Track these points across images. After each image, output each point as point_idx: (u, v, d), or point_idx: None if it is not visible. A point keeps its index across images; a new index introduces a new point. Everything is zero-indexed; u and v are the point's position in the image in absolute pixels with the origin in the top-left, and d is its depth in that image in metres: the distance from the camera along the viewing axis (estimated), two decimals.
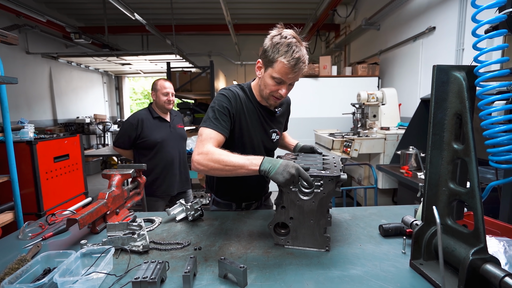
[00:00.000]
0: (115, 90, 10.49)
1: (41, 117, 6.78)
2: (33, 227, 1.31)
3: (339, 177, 0.98)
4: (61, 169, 1.99)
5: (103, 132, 7.91)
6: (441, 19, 3.63)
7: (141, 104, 22.71)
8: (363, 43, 6.27)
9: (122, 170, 1.46)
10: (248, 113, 1.29)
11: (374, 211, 1.44)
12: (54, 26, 6.28)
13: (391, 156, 3.17)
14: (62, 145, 1.97)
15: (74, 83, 8.08)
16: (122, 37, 8.67)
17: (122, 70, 9.33)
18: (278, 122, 1.44)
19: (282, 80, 1.17)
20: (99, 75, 9.44)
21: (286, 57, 1.11)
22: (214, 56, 8.94)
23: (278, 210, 1.06)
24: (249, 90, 1.33)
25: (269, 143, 1.40)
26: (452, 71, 0.84)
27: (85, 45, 7.50)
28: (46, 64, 6.93)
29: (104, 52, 6.54)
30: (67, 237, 1.22)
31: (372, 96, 3.55)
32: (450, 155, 0.86)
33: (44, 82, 6.93)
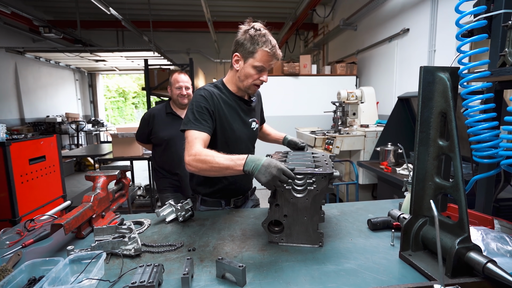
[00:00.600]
0: (88, 87, 10.03)
1: (6, 116, 6.33)
2: (10, 234, 1.23)
3: (332, 174, 1.01)
4: (37, 171, 1.87)
5: (76, 132, 7.54)
6: (414, 21, 3.81)
7: (115, 103, 21.90)
8: (341, 42, 6.43)
9: (106, 171, 1.40)
10: (226, 107, 1.36)
11: (361, 206, 1.49)
12: (20, 19, 5.88)
13: (370, 153, 3.29)
14: (38, 146, 1.85)
15: (43, 80, 7.62)
16: (95, 32, 8.29)
17: (95, 66, 8.93)
18: (255, 112, 1.52)
19: (264, 68, 1.28)
20: (70, 72, 8.98)
21: (267, 47, 1.23)
22: (192, 54, 8.80)
23: (272, 208, 1.07)
24: (223, 86, 1.41)
25: (249, 132, 1.46)
26: (438, 72, 0.88)
27: (55, 40, 7.10)
28: (11, 59, 6.48)
29: (77, 47, 6.22)
30: (49, 244, 1.15)
31: (351, 94, 3.65)
32: (435, 151, 0.91)
33: (8, 79, 6.48)
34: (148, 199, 4.09)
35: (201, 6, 5.34)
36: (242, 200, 1.55)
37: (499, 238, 0.98)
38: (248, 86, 1.32)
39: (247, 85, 1.32)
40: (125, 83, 21.50)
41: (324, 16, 6.46)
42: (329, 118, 4.86)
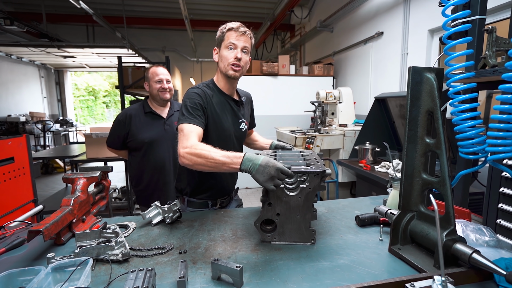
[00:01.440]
0: (55, 85, 9.44)
1: None
2: None
3: (324, 172, 1.02)
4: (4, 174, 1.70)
5: (43, 132, 7.06)
6: (388, 25, 3.98)
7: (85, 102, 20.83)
8: (317, 44, 6.57)
9: (86, 173, 1.32)
10: (217, 106, 1.38)
11: (346, 203, 1.53)
12: None
13: (349, 151, 3.39)
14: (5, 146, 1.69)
15: (3, 77, 7.07)
16: (63, 27, 7.83)
17: (63, 63, 8.44)
18: (244, 113, 1.53)
19: (234, 44, 1.33)
20: (35, 68, 8.40)
21: (231, 25, 1.34)
22: (168, 52, 8.58)
23: (264, 207, 1.07)
24: (214, 85, 1.43)
25: (238, 132, 1.47)
26: (425, 73, 0.92)
27: (17, 33, 6.59)
28: None
29: (43, 42, 5.83)
30: (23, 252, 1.07)
31: (330, 94, 3.74)
32: (423, 148, 0.95)
33: None
34: (125, 201, 3.92)
35: (177, 3, 5.22)
36: (227, 201, 1.55)
37: (477, 230, 1.05)
38: (227, 68, 1.35)
39: (226, 68, 1.35)
40: (95, 81, 20.53)
41: (301, 17, 6.58)
42: (307, 117, 4.95)
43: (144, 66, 6.10)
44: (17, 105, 7.53)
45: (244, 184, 5.15)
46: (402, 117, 3.04)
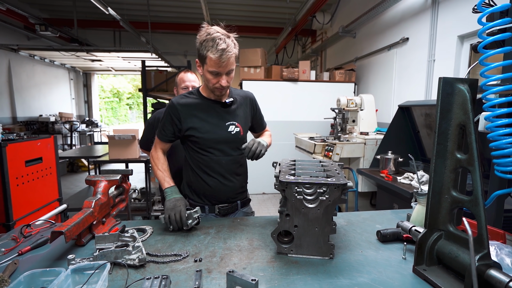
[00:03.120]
0: (83, 87, 9.89)
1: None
2: (5, 241, 1.17)
3: (346, 184, 0.98)
4: (33, 173, 1.80)
5: (70, 132, 7.40)
6: (414, 30, 3.85)
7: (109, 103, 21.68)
8: (339, 49, 6.47)
9: (108, 176, 1.36)
10: (197, 113, 1.41)
11: (367, 216, 1.47)
12: (15, 16, 5.77)
13: (370, 160, 3.29)
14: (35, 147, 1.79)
15: (36, 79, 7.49)
16: (92, 32, 8.20)
17: (91, 66, 8.82)
18: (236, 115, 1.47)
19: (218, 72, 1.29)
20: (65, 71, 8.85)
21: (212, 52, 1.24)
22: (190, 56, 8.76)
23: (282, 218, 1.04)
24: (197, 92, 1.46)
25: (227, 136, 1.43)
26: (457, 84, 0.87)
27: (50, 38, 6.99)
28: (5, 56, 6.35)
29: (73, 46, 6.13)
30: (47, 251, 1.10)
31: (351, 101, 3.66)
32: (453, 164, 0.89)
33: (1, 76, 6.34)
34: (143, 202, 4.01)
35: (200, 9, 5.33)
36: (229, 209, 1.51)
37: None
38: (212, 89, 1.36)
39: (211, 89, 1.36)
40: (120, 84, 21.35)
41: (323, 22, 6.51)
42: (327, 124, 4.87)
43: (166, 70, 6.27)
44: (48, 105, 7.94)
45: (261, 190, 5.13)
46: (428, 126, 2.91)
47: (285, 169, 1.16)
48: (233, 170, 1.47)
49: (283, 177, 1.02)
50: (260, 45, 6.78)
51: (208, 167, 1.44)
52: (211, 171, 1.44)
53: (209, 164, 1.44)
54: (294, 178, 1.01)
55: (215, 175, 1.44)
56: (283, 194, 1.03)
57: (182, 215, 1.23)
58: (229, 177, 1.47)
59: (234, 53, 1.28)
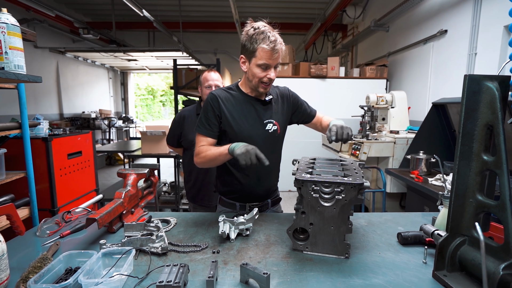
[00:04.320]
0: (120, 85, 10.51)
1: (47, 111, 6.80)
2: (50, 224, 1.31)
3: (362, 184, 0.97)
4: (74, 165, 1.99)
5: (108, 128, 7.92)
6: (454, 22, 3.59)
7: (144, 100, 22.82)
8: (371, 44, 6.23)
9: (137, 169, 1.45)
10: (235, 109, 1.38)
11: (390, 217, 1.43)
12: (62, 21, 6.29)
13: (400, 160, 3.15)
14: (76, 142, 1.97)
15: (80, 78, 8.10)
16: (128, 33, 8.67)
17: (128, 66, 9.34)
18: (275, 113, 1.44)
19: (268, 65, 1.28)
20: (105, 70, 9.46)
21: (265, 43, 1.23)
22: (220, 54, 8.93)
23: (298, 215, 1.06)
24: (236, 88, 1.44)
25: (263, 133, 1.41)
26: (484, 81, 0.82)
27: (92, 40, 7.52)
28: (54, 58, 6.94)
29: (111, 47, 6.55)
30: (83, 236, 1.22)
31: (381, 98, 3.52)
32: (479, 166, 0.85)
33: (51, 77, 6.95)
34: (173, 195, 4.20)
35: (229, 7, 5.41)
36: (260, 208, 1.49)
37: None
38: (256, 85, 1.34)
39: (256, 85, 1.34)
40: (154, 82, 22.36)
41: (354, 17, 6.29)
42: (356, 122, 4.72)
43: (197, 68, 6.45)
44: (90, 102, 8.56)
45: (287, 187, 5.13)
46: None
47: (303, 167, 1.17)
48: (267, 170, 1.41)
49: (299, 175, 1.03)
50: (289, 41, 6.71)
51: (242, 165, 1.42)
52: (244, 170, 1.42)
53: None
54: (310, 177, 1.02)
55: (250, 173, 1.42)
56: (299, 191, 1.04)
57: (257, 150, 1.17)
58: (263, 176, 1.44)
59: (283, 46, 1.28)
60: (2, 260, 0.83)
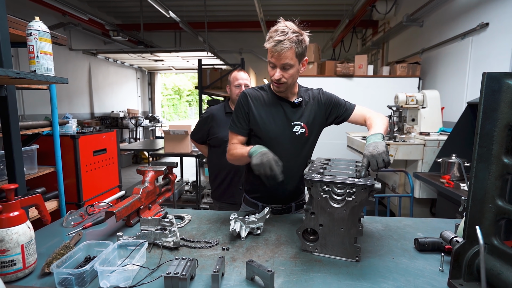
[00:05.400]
0: (147, 85, 11.00)
1: (79, 110, 7.30)
2: (74, 216, 1.43)
3: (372, 186, 0.97)
4: (99, 162, 2.16)
5: (135, 127, 8.33)
6: (496, 14, 3.37)
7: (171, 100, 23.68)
8: (403, 40, 5.99)
9: (155, 167, 1.54)
10: (264, 109, 1.43)
11: (409, 222, 1.39)
12: (95, 24, 6.73)
13: (430, 164, 3.02)
14: (101, 139, 2.14)
15: (110, 78, 8.60)
16: (156, 34, 9.06)
17: (155, 66, 9.76)
18: (303, 116, 1.43)
19: (274, 64, 1.31)
20: (133, 71, 9.96)
21: (268, 41, 1.28)
22: (245, 54, 9.04)
23: (307, 215, 1.07)
24: (268, 87, 1.49)
25: (291, 135, 1.41)
26: (506, 79, 0.79)
27: (122, 42, 7.95)
28: (86, 60, 7.44)
29: (139, 49, 6.88)
30: (104, 228, 1.32)
31: (411, 98, 3.39)
32: (499, 170, 0.81)
33: (83, 77, 7.46)
34: (194, 194, 4.34)
35: (254, 6, 5.48)
36: (283, 211, 1.52)
37: None
38: (272, 83, 1.40)
39: (271, 83, 1.41)
40: (181, 82, 23.10)
41: (385, 12, 6.09)
42: None
43: (221, 68, 6.60)
44: (119, 102, 9.07)
45: None
46: None
47: (315, 167, 1.18)
48: (293, 172, 1.43)
49: (309, 175, 1.04)
50: (315, 39, 6.65)
51: None
52: None
53: None
54: (320, 177, 1.03)
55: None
56: (309, 192, 1.05)
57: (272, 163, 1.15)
58: (288, 178, 1.42)
59: (293, 47, 1.25)
60: (30, 245, 0.94)
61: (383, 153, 1.06)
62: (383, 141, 1.14)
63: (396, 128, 3.42)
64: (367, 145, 1.14)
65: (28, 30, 1.05)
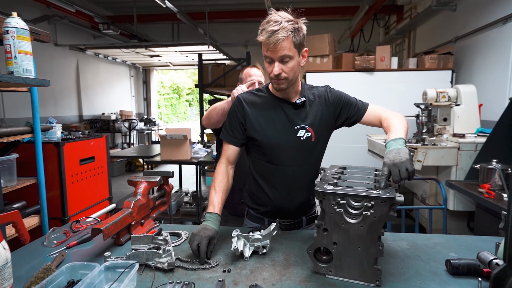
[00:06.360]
0: (142, 84, 11.16)
1: (66, 112, 7.45)
2: (58, 234, 1.46)
3: (393, 199, 0.95)
4: (86, 172, 2.20)
5: (128, 130, 8.45)
6: None
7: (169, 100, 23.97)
8: (433, 28, 5.94)
9: (148, 177, 1.56)
10: (262, 113, 1.44)
11: (441, 240, 1.37)
12: (83, 16, 6.88)
13: (466, 171, 2.96)
14: (88, 146, 2.18)
15: (100, 77, 8.76)
16: (151, 26, 9.20)
17: (150, 62, 9.91)
18: (308, 118, 1.43)
19: (271, 59, 1.31)
20: (126, 68, 10.14)
21: (262, 34, 1.28)
22: (251, 47, 9.08)
23: (319, 232, 1.07)
24: (266, 89, 1.50)
25: (295, 141, 1.41)
26: None
27: (113, 36, 8.10)
28: (74, 56, 7.61)
29: (133, 43, 7.00)
30: (90, 247, 1.34)
31: (442, 94, 3.35)
32: None
33: (71, 76, 7.62)
34: (194, 207, 4.36)
35: None
36: (293, 226, 1.51)
37: None
38: (271, 81, 1.39)
39: (271, 80, 1.39)
40: (180, 79, 23.36)
41: None
42: (412, 124, 4.52)
43: (224, 63, 6.65)
44: (110, 103, 9.23)
45: None
46: None
47: (328, 177, 1.17)
48: (300, 182, 1.45)
49: (320, 186, 1.04)
50: (331, 29, 6.68)
51: (272, 176, 1.45)
52: (275, 182, 1.45)
53: (272, 173, 1.45)
54: (333, 188, 1.02)
55: (279, 187, 1.45)
56: (321, 205, 1.05)
57: (201, 249, 1.16)
58: (295, 190, 1.45)
59: (289, 37, 1.25)
60: (5, 269, 0.95)
61: (407, 162, 1.04)
62: (405, 147, 1.12)
63: (425, 129, 3.38)
64: (388, 151, 1.12)
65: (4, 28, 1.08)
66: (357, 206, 1.01)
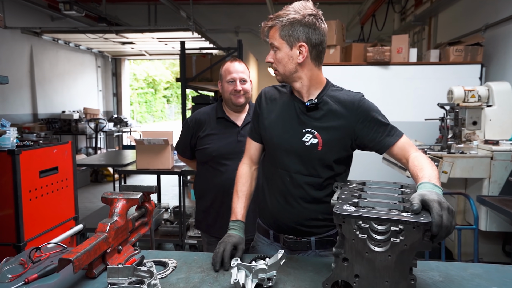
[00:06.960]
0: (111, 76, 11.09)
1: (17, 110, 7.33)
2: (13, 265, 1.41)
3: (429, 223, 0.96)
4: (47, 186, 2.16)
5: (95, 132, 8.36)
6: None
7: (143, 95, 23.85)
8: (458, 14, 6.05)
9: (127, 193, 1.54)
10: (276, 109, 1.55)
11: (479, 271, 1.38)
12: None
13: (501, 184, 3.02)
14: (50, 155, 2.14)
15: (60, 67, 8.67)
16: (123, 7, 9.17)
17: (121, 50, 9.86)
18: (319, 123, 1.45)
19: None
20: (92, 57, 10.06)
21: None
22: (242, 34, 9.13)
23: (338, 263, 1.07)
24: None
25: (299, 146, 1.44)
26: None
27: (76, 18, 8.02)
28: (27, 41, 7.48)
29: (101, 27, 6.95)
30: (55, 281, 1.30)
31: (471, 93, 3.42)
32: None
33: (23, 65, 7.49)
34: (176, 225, 4.32)
35: None
36: (298, 246, 1.54)
37: None
38: None
39: None
40: (156, 70, 23.25)
41: None
42: (434, 127, 4.57)
43: (211, 53, 6.65)
44: (72, 99, 9.14)
45: None
46: None
47: (346, 195, 1.17)
48: (299, 193, 1.48)
49: (340, 208, 1.04)
50: (337, 14, 6.73)
51: (271, 180, 1.57)
52: (272, 187, 1.56)
53: (272, 176, 1.56)
54: (355, 210, 1.02)
55: (276, 193, 1.54)
56: (340, 230, 1.05)
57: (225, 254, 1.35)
58: (291, 200, 1.49)
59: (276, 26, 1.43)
60: None
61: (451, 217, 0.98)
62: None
63: (450, 134, 3.43)
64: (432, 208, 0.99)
65: None
66: (382, 230, 1.02)
